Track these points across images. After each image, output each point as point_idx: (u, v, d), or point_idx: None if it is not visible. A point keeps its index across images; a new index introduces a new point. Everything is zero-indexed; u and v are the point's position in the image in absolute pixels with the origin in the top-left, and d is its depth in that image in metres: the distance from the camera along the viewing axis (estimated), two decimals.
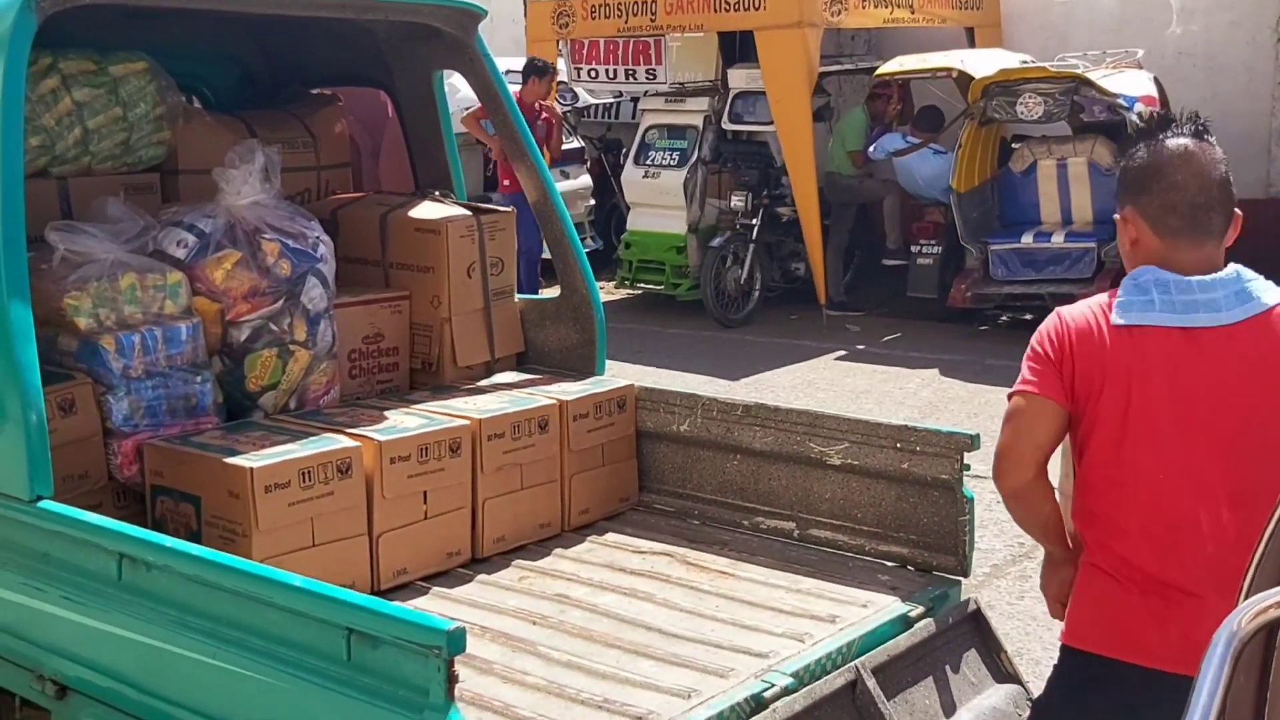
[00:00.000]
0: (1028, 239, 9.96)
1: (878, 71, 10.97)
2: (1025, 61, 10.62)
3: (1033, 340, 2.55)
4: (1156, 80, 10.37)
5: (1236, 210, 2.45)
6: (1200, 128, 2.44)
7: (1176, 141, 2.44)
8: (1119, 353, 2.41)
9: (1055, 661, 2.67)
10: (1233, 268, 2.43)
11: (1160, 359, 2.38)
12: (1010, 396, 2.54)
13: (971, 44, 12.02)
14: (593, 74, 11.79)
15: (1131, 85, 9.91)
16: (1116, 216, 2.53)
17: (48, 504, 2.88)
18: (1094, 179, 10.04)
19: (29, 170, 3.50)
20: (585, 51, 11.62)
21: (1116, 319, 2.41)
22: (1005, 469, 2.54)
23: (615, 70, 11.62)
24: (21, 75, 3.08)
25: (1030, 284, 9.86)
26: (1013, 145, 10.66)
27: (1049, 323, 2.53)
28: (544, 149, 9.85)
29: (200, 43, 4.62)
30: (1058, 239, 9.90)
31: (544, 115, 10.13)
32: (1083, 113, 10.09)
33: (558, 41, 11.62)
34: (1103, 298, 2.50)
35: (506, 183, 10.14)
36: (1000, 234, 10.18)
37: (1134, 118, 9.43)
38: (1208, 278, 2.39)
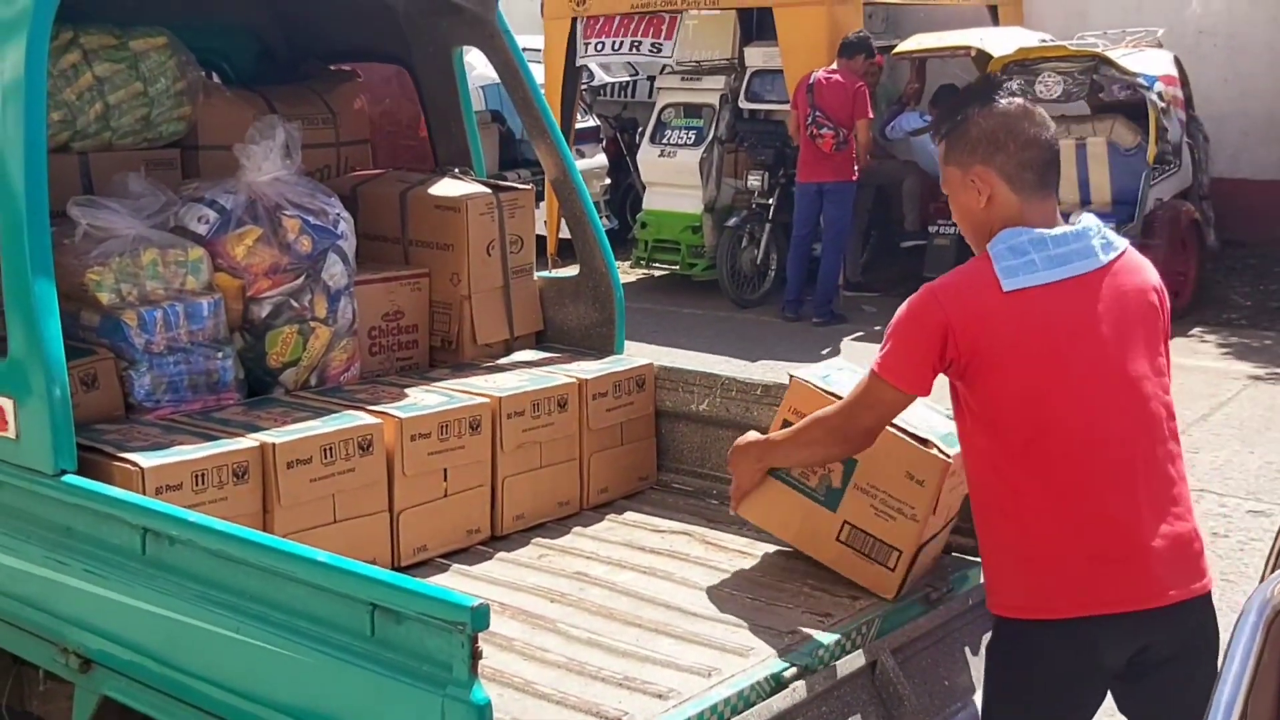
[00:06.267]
0: None
1: (895, 50, 10.91)
2: (1044, 40, 10.54)
3: (902, 317, 2.60)
4: (1177, 59, 10.29)
5: None
6: (1021, 89, 2.59)
7: (1016, 102, 2.55)
8: (1017, 318, 2.47)
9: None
10: (1090, 217, 2.56)
11: (1060, 312, 2.47)
12: (877, 373, 2.63)
13: (995, 21, 11.93)
14: (599, 47, 11.63)
15: (1152, 64, 9.84)
16: (959, 177, 2.58)
17: (71, 478, 2.90)
18: (1113, 159, 9.96)
19: (51, 145, 3.50)
20: (598, 26, 11.51)
21: (1007, 286, 2.46)
22: (839, 442, 2.83)
23: (621, 43, 11.45)
24: (44, 50, 3.07)
25: None
26: None
27: (922, 302, 2.57)
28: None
29: (219, 17, 4.62)
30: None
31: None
32: (1102, 92, 10.01)
33: (573, 18, 11.54)
34: (971, 268, 2.55)
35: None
36: None
37: (1153, 97, 9.37)
38: (1075, 228, 2.51)
